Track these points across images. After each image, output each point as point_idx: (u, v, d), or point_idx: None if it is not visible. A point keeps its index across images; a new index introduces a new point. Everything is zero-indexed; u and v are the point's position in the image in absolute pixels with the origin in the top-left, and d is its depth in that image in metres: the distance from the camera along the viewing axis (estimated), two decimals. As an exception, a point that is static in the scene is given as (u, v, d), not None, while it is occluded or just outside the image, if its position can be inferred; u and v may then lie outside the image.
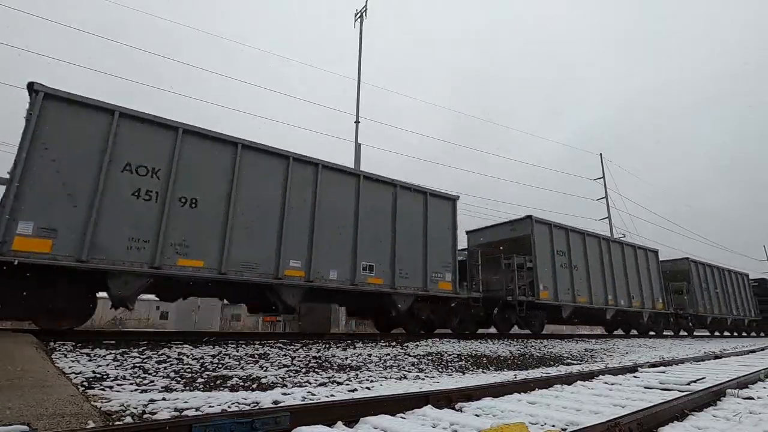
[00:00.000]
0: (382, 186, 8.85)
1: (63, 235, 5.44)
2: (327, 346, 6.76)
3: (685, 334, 18.38)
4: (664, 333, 17.28)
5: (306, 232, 7.53)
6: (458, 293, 9.55)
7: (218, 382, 4.03)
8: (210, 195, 6.66)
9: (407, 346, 7.41)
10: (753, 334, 23.46)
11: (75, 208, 5.58)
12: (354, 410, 2.72)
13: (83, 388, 3.26)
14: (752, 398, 3.68)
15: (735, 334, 22.12)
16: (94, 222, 5.62)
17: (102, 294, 6.32)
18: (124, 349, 4.98)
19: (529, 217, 11.84)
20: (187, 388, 3.73)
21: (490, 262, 11.41)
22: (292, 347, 6.30)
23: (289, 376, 4.51)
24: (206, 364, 4.72)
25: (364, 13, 17.53)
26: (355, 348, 6.79)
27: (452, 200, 10.10)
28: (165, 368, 4.33)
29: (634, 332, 16.85)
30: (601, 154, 27.89)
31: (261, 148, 7.34)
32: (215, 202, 6.69)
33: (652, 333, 16.50)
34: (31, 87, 5.56)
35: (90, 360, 4.37)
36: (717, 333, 20.90)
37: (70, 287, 5.85)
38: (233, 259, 6.65)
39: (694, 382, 4.53)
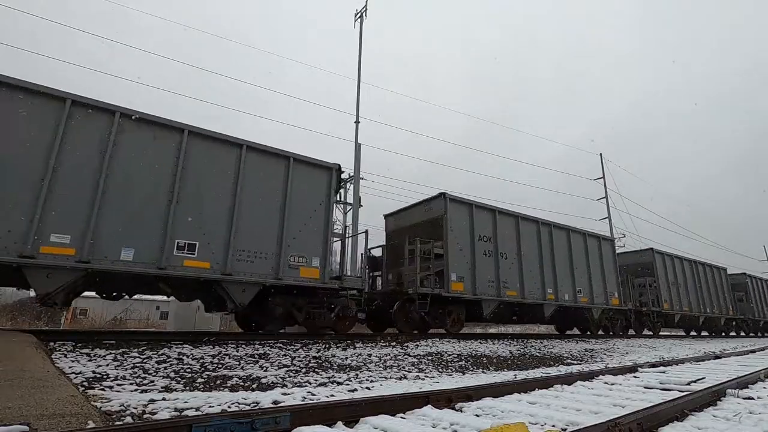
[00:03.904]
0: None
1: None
2: (327, 346, 6.76)
3: (650, 333, 16.30)
4: (626, 333, 15.20)
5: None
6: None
7: (218, 382, 4.03)
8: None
9: (407, 346, 7.41)
10: (732, 333, 21.17)
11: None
12: (354, 410, 2.72)
13: (83, 388, 3.27)
14: (752, 398, 3.68)
15: (707, 333, 19.87)
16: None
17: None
18: (124, 349, 4.99)
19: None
20: (187, 388, 3.73)
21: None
22: (292, 347, 6.30)
23: (289, 376, 4.51)
24: (206, 364, 4.72)
25: (364, 13, 17.53)
26: (355, 348, 6.79)
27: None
28: (165, 368, 4.33)
29: (576, 331, 14.86)
30: (601, 154, 27.84)
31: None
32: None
33: (601, 333, 14.40)
34: None
35: (90, 360, 4.37)
36: (693, 333, 19.20)
37: None
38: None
39: (694, 382, 4.53)
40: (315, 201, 7.96)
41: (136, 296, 7.54)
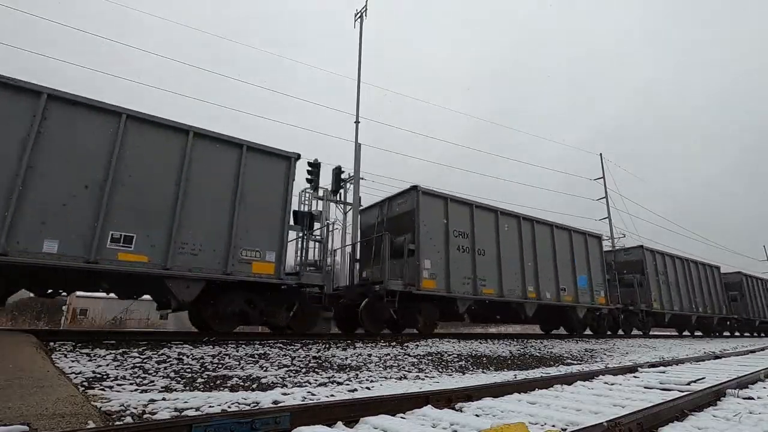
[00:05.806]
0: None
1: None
2: (327, 346, 6.76)
3: (639, 333, 15.59)
4: (616, 333, 14.77)
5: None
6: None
7: (218, 382, 4.03)
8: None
9: (407, 346, 7.41)
10: (726, 333, 20.72)
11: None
12: (354, 410, 2.72)
13: (83, 388, 3.26)
14: (752, 398, 3.67)
15: (699, 334, 19.46)
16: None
17: (101, 294, 6.32)
18: (124, 349, 4.98)
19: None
20: (187, 388, 3.73)
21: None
22: (292, 347, 6.30)
23: (289, 376, 4.51)
24: (206, 364, 4.72)
25: (364, 13, 17.52)
26: (355, 348, 6.79)
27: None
28: (165, 368, 4.33)
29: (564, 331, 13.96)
30: (601, 154, 27.90)
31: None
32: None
33: (589, 332, 13.74)
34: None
35: (90, 360, 4.37)
36: (683, 333, 19.02)
37: None
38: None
39: (694, 382, 4.53)
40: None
41: (135, 297, 7.67)
